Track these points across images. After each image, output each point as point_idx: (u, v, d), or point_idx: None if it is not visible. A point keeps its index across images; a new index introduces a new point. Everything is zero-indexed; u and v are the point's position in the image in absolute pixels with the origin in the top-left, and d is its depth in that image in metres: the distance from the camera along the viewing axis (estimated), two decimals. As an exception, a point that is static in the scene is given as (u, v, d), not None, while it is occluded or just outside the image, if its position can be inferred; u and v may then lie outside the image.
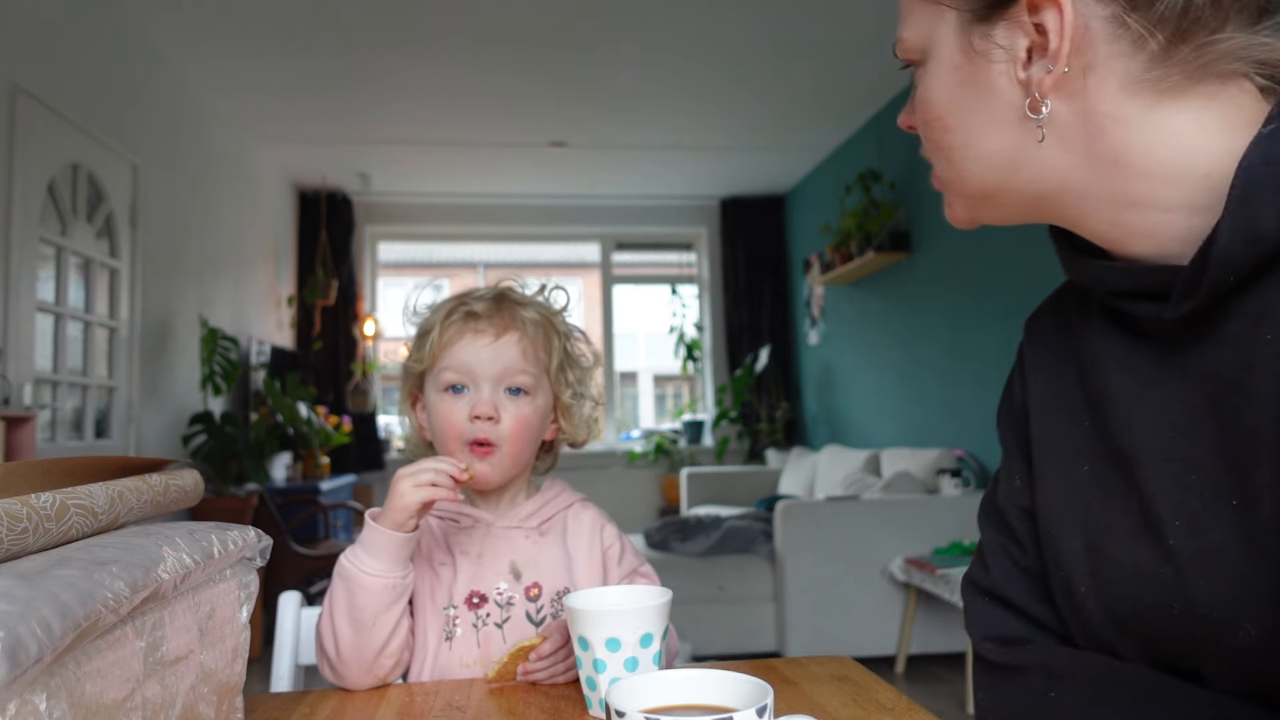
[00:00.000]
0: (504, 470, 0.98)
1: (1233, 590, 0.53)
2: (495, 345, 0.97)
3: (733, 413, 6.00)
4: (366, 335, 5.95)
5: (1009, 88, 0.57)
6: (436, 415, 0.98)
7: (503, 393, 0.97)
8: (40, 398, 2.96)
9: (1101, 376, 0.63)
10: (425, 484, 0.86)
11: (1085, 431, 0.64)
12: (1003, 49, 0.56)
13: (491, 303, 1.00)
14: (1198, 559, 0.55)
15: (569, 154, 5.23)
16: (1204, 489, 0.55)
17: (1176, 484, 0.56)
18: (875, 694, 0.81)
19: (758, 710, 0.50)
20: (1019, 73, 0.56)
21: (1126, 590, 0.60)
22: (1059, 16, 0.53)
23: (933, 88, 0.61)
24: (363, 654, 0.88)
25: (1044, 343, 0.71)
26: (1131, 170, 0.55)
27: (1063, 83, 0.55)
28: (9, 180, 2.72)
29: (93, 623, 0.45)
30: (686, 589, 3.49)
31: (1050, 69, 0.54)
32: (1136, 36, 0.53)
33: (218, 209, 4.49)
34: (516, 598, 0.96)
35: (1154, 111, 0.54)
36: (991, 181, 0.61)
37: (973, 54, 0.58)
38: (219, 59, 3.92)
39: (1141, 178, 0.55)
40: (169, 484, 0.68)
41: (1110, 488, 0.62)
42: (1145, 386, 0.59)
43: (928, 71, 0.61)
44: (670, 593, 0.82)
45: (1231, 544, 0.53)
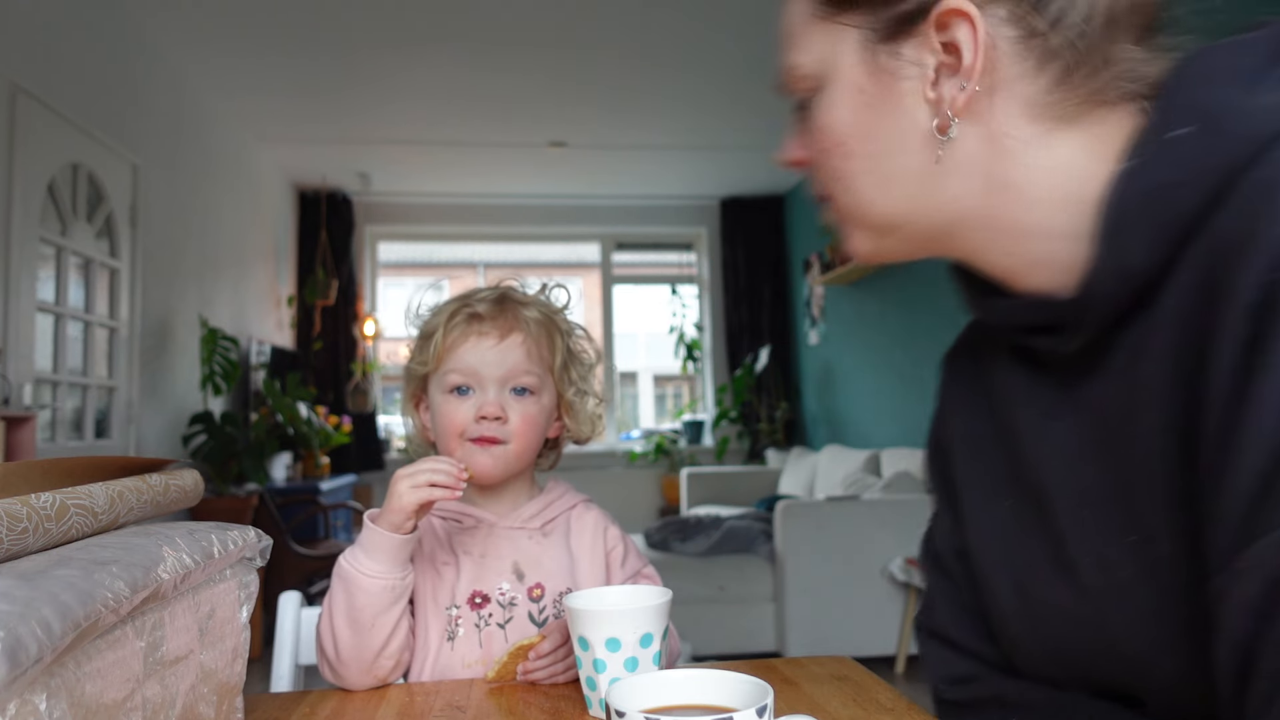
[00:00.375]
0: (507, 465, 0.98)
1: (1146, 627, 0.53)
2: (500, 347, 0.97)
3: (733, 413, 6.00)
4: (366, 335, 5.95)
5: (917, 107, 0.55)
6: (441, 416, 0.98)
7: (508, 393, 0.97)
8: (40, 398, 2.96)
9: (1010, 411, 0.63)
10: (423, 485, 0.85)
11: (1002, 468, 0.64)
12: (913, 66, 0.55)
13: (494, 304, 1.00)
14: (1111, 597, 0.55)
15: (569, 154, 5.23)
16: (1106, 525, 0.55)
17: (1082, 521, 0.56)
18: (875, 694, 0.81)
19: (758, 710, 0.50)
20: (929, 91, 0.55)
21: (1053, 630, 0.60)
22: (972, 31, 0.52)
23: (834, 112, 0.58)
24: (362, 655, 0.88)
25: (960, 380, 0.71)
26: (1027, 196, 0.54)
27: (971, 102, 0.54)
28: (9, 180, 2.72)
29: (93, 623, 0.45)
30: (686, 589, 3.49)
31: (964, 86, 0.53)
32: (1040, 59, 0.53)
33: (218, 209, 4.49)
34: (519, 598, 0.96)
35: (1050, 136, 0.54)
36: (897, 210, 0.59)
37: (879, 74, 0.56)
38: (219, 59, 3.91)
39: (1036, 205, 0.54)
40: (169, 484, 0.68)
41: (1029, 525, 0.61)
42: (1048, 421, 0.59)
43: (827, 96, 0.59)
44: (670, 593, 0.82)
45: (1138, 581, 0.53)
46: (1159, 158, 0.49)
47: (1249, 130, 0.46)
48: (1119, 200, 0.50)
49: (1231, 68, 0.49)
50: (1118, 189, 0.50)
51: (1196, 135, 0.48)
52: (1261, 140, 0.46)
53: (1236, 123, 0.47)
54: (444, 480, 0.86)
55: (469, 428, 0.96)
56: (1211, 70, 0.50)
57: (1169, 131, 0.49)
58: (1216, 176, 0.47)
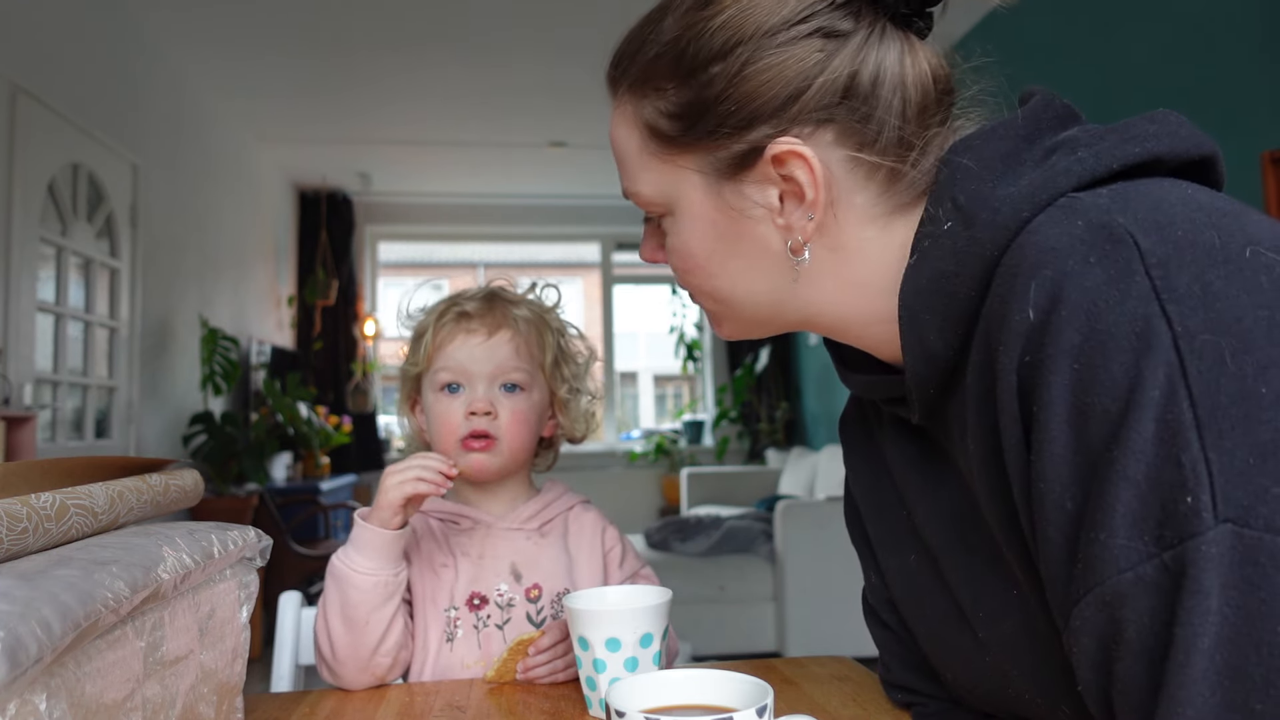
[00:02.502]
0: (502, 462, 0.98)
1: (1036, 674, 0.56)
2: (488, 344, 0.98)
3: (733, 413, 6.00)
4: (366, 335, 5.95)
5: (769, 234, 0.59)
6: (433, 415, 0.99)
7: (498, 390, 0.98)
8: (40, 398, 2.96)
9: (898, 474, 0.66)
10: (410, 480, 0.86)
11: (905, 523, 0.67)
12: (757, 204, 0.58)
13: (483, 302, 1.01)
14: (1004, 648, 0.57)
15: (569, 154, 5.22)
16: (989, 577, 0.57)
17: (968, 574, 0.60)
18: (875, 694, 0.81)
19: (758, 710, 0.50)
20: (777, 220, 0.58)
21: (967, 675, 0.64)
22: (808, 168, 0.55)
23: (688, 241, 0.61)
24: (358, 653, 0.88)
25: (854, 444, 0.75)
26: (874, 289, 0.58)
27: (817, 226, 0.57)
28: (9, 180, 2.72)
29: (93, 623, 0.45)
30: (686, 589, 3.49)
31: (811, 216, 0.56)
32: (868, 170, 0.57)
33: (218, 209, 4.49)
34: (517, 599, 0.96)
35: (887, 231, 0.58)
36: (759, 315, 0.63)
37: (726, 209, 0.59)
38: (219, 59, 3.92)
39: (882, 295, 0.58)
40: (169, 484, 0.69)
41: (930, 579, 0.65)
42: (928, 481, 0.63)
43: (679, 224, 0.61)
44: (670, 593, 0.82)
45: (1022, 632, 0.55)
46: (933, 251, 0.53)
47: (996, 223, 0.50)
48: (908, 293, 0.55)
49: (984, 159, 0.53)
50: (906, 283, 0.55)
51: (956, 230, 0.52)
52: (1008, 229, 0.49)
53: (986, 216, 0.50)
54: (430, 476, 0.86)
55: (460, 426, 0.96)
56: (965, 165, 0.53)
57: (939, 226, 0.53)
58: (981, 265, 0.50)
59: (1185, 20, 2.56)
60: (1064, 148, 0.52)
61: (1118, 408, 0.42)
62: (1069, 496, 0.44)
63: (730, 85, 0.55)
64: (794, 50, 0.55)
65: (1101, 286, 0.44)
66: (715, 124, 0.57)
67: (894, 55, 0.56)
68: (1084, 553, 0.43)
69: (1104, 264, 0.44)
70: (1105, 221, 0.46)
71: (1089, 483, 0.43)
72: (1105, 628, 0.43)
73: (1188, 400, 0.40)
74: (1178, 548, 0.40)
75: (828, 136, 0.56)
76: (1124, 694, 0.42)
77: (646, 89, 0.60)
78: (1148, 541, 0.41)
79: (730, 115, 0.56)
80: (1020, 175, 0.51)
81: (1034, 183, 0.50)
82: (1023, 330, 0.46)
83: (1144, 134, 0.51)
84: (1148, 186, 0.48)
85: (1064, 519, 0.44)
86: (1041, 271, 0.46)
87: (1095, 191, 0.49)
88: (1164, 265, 0.43)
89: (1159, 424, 0.41)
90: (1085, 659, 0.44)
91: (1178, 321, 0.41)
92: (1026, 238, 0.48)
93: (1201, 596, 0.39)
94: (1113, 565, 0.41)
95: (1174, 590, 0.40)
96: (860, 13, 0.56)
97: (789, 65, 0.55)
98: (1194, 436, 0.40)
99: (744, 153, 0.57)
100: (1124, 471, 0.41)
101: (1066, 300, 0.44)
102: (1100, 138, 0.51)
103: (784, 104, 0.55)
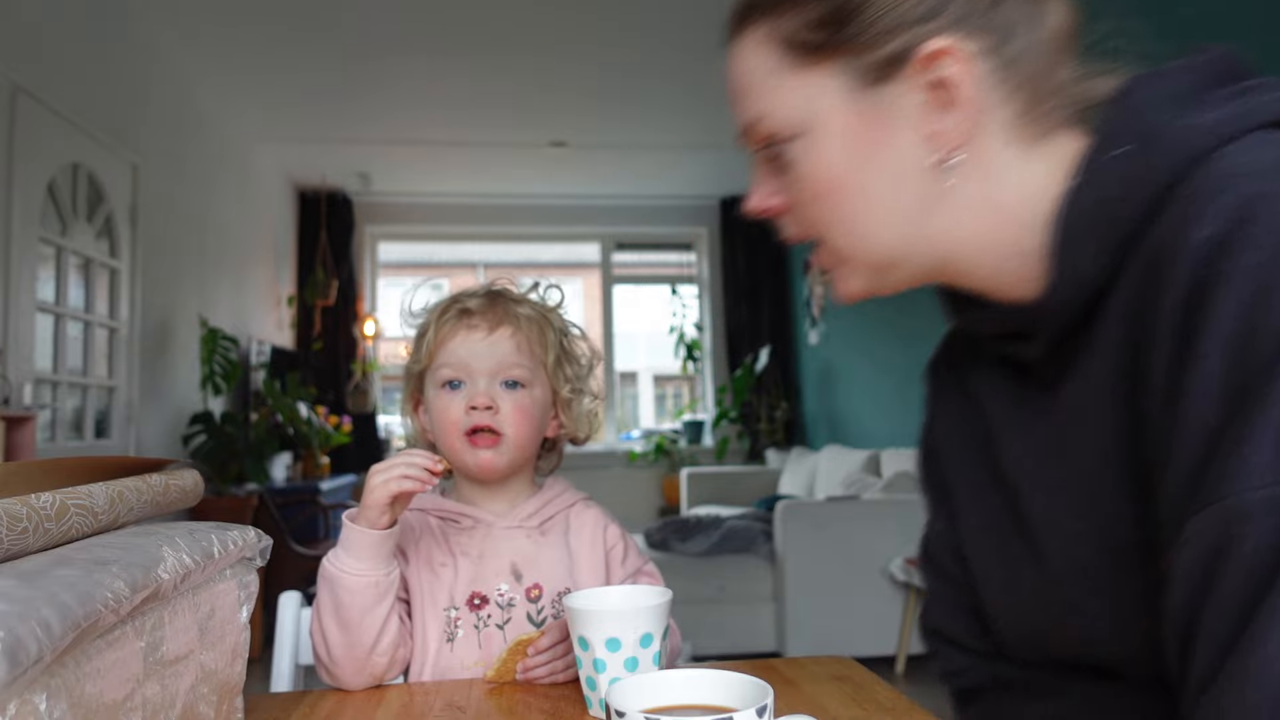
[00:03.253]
0: (510, 457, 0.98)
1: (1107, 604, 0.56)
2: (489, 340, 0.98)
3: (733, 413, 5.99)
4: (366, 335, 5.95)
5: (912, 145, 0.58)
6: (435, 412, 0.99)
7: (499, 386, 0.98)
8: (40, 398, 2.96)
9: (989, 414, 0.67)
10: (395, 477, 0.85)
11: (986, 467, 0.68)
12: (905, 107, 0.57)
13: (485, 299, 1.01)
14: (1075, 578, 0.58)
15: (569, 154, 5.22)
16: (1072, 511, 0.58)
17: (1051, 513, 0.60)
18: (875, 694, 0.81)
19: (758, 710, 0.50)
20: (923, 128, 0.57)
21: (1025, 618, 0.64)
22: (964, 67, 0.55)
23: (823, 158, 0.59)
24: (354, 654, 0.88)
25: (943, 387, 0.75)
26: (1012, 217, 0.58)
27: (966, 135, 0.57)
28: (9, 180, 2.72)
29: (93, 623, 0.45)
30: (686, 589, 3.49)
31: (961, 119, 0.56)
32: (1009, 89, 0.57)
33: (218, 209, 4.49)
34: (517, 598, 0.96)
35: (1024, 161, 0.57)
36: (897, 245, 0.60)
37: (868, 117, 0.58)
38: (219, 59, 3.91)
39: (1019, 225, 0.58)
40: (169, 484, 0.68)
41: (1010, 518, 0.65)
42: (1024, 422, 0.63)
43: (812, 144, 0.59)
44: (670, 593, 0.82)
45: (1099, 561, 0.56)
46: (1101, 175, 0.53)
47: (1180, 148, 0.50)
48: (1066, 217, 0.54)
49: (1166, 92, 0.53)
50: (1065, 206, 0.54)
51: (1134, 154, 0.52)
52: (1192, 155, 0.49)
53: (1169, 142, 0.50)
54: (415, 473, 0.85)
55: (461, 421, 0.96)
56: (1148, 95, 0.54)
57: (1110, 151, 0.53)
58: (1153, 190, 0.50)
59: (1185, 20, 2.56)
60: (1259, 89, 0.52)
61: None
62: (1213, 412, 0.44)
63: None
64: None
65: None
66: (864, 26, 0.56)
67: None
68: (1219, 466, 0.43)
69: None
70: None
71: (1238, 400, 0.43)
72: (1218, 541, 0.43)
73: None
74: None
75: (974, 46, 0.55)
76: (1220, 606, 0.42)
77: (784, 6, 0.59)
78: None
79: (880, 16, 0.55)
80: (1211, 107, 0.51)
81: (1222, 117, 0.50)
82: (1202, 245, 0.46)
83: None
84: None
85: (1203, 431, 0.44)
86: (1233, 189, 0.46)
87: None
88: None
89: None
90: (1182, 576, 0.44)
91: None
92: (1215, 163, 0.48)
93: None
94: (1247, 480, 0.42)
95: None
96: None
97: None
98: None
99: (892, 55, 0.56)
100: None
101: (1260, 218, 0.44)
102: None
103: (936, 6, 0.55)
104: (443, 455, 1.00)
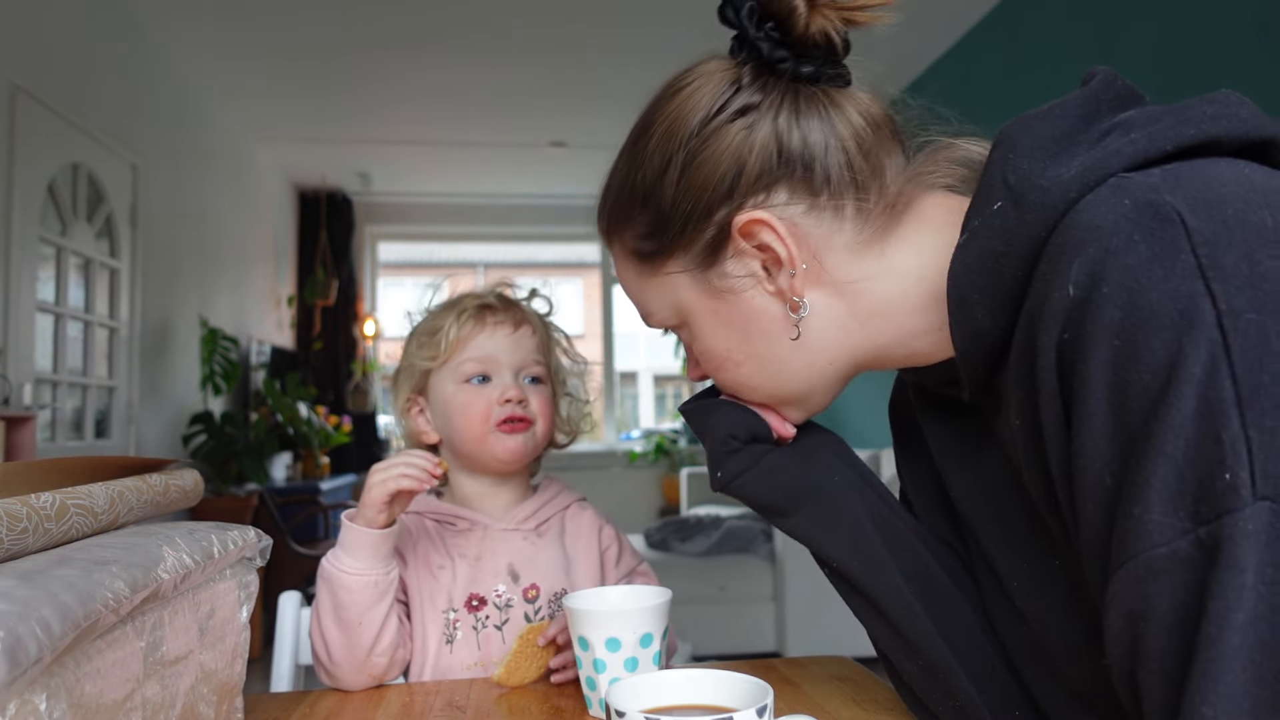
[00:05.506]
0: (535, 447, 1.00)
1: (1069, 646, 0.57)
2: (514, 335, 1.00)
3: (733, 413, 5.98)
4: (366, 335, 5.95)
5: (768, 304, 0.62)
6: (456, 407, 0.98)
7: (525, 381, 1.00)
8: (40, 398, 2.96)
9: (939, 451, 0.69)
10: (394, 476, 0.85)
11: (945, 502, 0.70)
12: (743, 278, 0.61)
13: (498, 299, 1.03)
14: (1039, 618, 0.59)
15: (569, 154, 5.22)
16: (1028, 550, 0.59)
17: (1008, 546, 0.61)
18: (875, 694, 0.81)
19: (758, 710, 0.50)
20: (768, 288, 0.61)
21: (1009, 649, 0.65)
22: (772, 230, 0.59)
23: (706, 339, 0.65)
24: (354, 654, 0.88)
25: (900, 428, 0.77)
26: (897, 314, 0.60)
27: (807, 277, 0.60)
28: (9, 180, 2.72)
29: (93, 623, 0.45)
30: (686, 589, 3.49)
31: (793, 273, 0.60)
32: (834, 211, 0.60)
33: (218, 209, 4.49)
34: (515, 599, 0.96)
35: (884, 259, 0.60)
36: (800, 384, 0.65)
37: (720, 294, 0.63)
38: (219, 59, 3.91)
39: (907, 316, 0.60)
40: (169, 484, 0.68)
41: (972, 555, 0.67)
42: (968, 457, 0.65)
43: (693, 329, 0.65)
44: (670, 592, 0.82)
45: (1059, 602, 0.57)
46: (983, 230, 0.54)
47: (1045, 202, 0.50)
48: (957, 271, 0.56)
49: (1038, 138, 0.53)
50: (955, 262, 0.56)
51: (1006, 210, 0.52)
52: (1056, 211, 0.50)
53: (1036, 196, 0.51)
54: (414, 472, 0.86)
55: (494, 413, 0.97)
56: (1019, 143, 0.54)
57: (987, 209, 0.54)
58: (1028, 245, 0.51)
59: (1185, 20, 2.56)
60: (1119, 129, 0.52)
61: (1158, 384, 0.42)
62: (1108, 473, 0.44)
63: (679, 189, 0.61)
64: (720, 138, 0.60)
65: (1145, 264, 0.44)
66: (680, 225, 0.61)
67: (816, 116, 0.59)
68: (1119, 528, 0.43)
69: (1149, 241, 0.44)
70: (1152, 200, 0.46)
71: (1127, 459, 0.43)
72: (1137, 603, 0.43)
73: (1229, 378, 0.40)
74: (1214, 523, 0.40)
75: (781, 197, 0.59)
76: (1151, 670, 0.42)
77: (622, 225, 0.66)
78: (1183, 517, 0.41)
79: (690, 212, 0.61)
80: (1074, 156, 0.52)
81: (1085, 163, 0.50)
82: (1063, 307, 0.46)
83: (1201, 115, 0.51)
84: (1202, 166, 0.48)
85: (1102, 495, 0.45)
86: (1085, 249, 0.46)
87: (1147, 171, 0.49)
88: (1211, 244, 0.43)
89: (1200, 400, 0.41)
90: (1115, 633, 0.45)
91: (1223, 299, 0.41)
92: (1073, 217, 0.48)
93: (1236, 572, 0.39)
94: (1147, 540, 0.42)
95: (1208, 566, 0.40)
96: (766, 85, 0.60)
97: (722, 151, 0.59)
98: (1235, 414, 0.40)
99: (713, 238, 0.61)
100: (1162, 447, 0.41)
101: (1108, 277, 0.45)
102: (1156, 119, 0.51)
103: (731, 184, 0.59)
104: (444, 457, 1.00)
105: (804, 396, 0.66)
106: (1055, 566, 0.57)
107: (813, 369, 0.63)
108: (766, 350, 0.63)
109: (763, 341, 0.63)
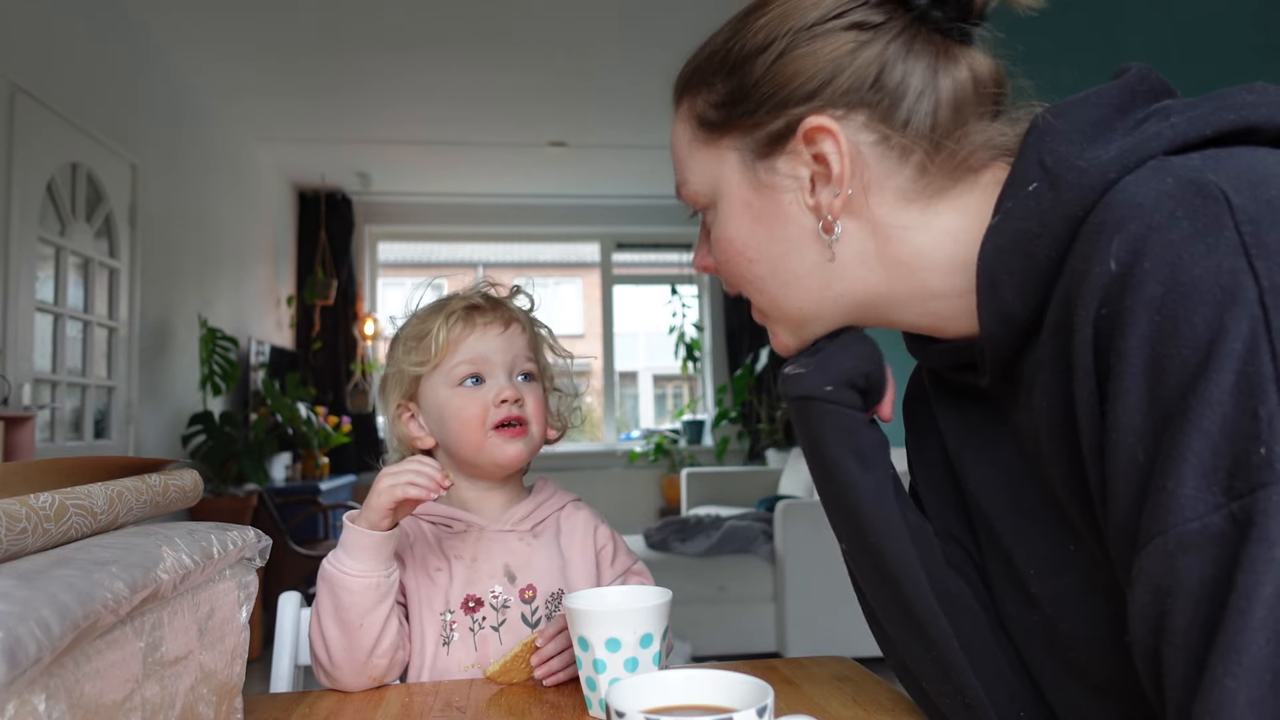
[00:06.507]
0: (532, 449, 1.00)
1: (1086, 629, 0.57)
2: (505, 335, 1.00)
3: (733, 413, 5.99)
4: (366, 335, 5.95)
5: (801, 214, 0.62)
6: (451, 410, 0.98)
7: (519, 380, 1.00)
8: (40, 398, 2.96)
9: (953, 442, 0.69)
10: (402, 483, 0.85)
11: (957, 494, 0.70)
12: (789, 179, 0.61)
13: (484, 299, 1.03)
14: (1054, 603, 0.59)
15: (569, 154, 5.23)
16: (1045, 535, 0.59)
17: (1024, 532, 0.62)
18: (875, 694, 0.81)
19: (758, 710, 0.50)
20: (808, 199, 0.61)
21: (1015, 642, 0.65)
22: (836, 145, 0.59)
23: (729, 226, 0.65)
24: (354, 656, 0.87)
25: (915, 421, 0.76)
26: (922, 268, 0.60)
27: (848, 203, 0.60)
28: (8, 180, 2.72)
29: (92, 623, 0.45)
30: (686, 589, 3.49)
31: (837, 193, 0.60)
32: (901, 153, 0.60)
33: (218, 209, 4.49)
34: (512, 600, 0.96)
35: (929, 214, 0.60)
36: (807, 303, 0.65)
37: (761, 188, 0.63)
38: (219, 59, 3.91)
39: (932, 273, 0.60)
40: (168, 484, 0.68)
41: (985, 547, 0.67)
42: (986, 444, 0.65)
43: (720, 212, 0.65)
44: (670, 593, 0.81)
45: (1077, 586, 0.57)
46: (1017, 212, 0.54)
47: (1083, 183, 0.51)
48: (988, 253, 0.56)
49: (1074, 123, 0.54)
50: (986, 243, 0.56)
51: (1042, 191, 0.53)
52: (1095, 189, 0.50)
53: (1074, 177, 0.51)
54: (423, 481, 0.85)
55: (490, 414, 0.97)
56: (1055, 128, 0.55)
57: (1022, 190, 0.54)
58: (1064, 225, 0.51)
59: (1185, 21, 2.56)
60: (1157, 115, 0.53)
61: (1197, 359, 0.42)
62: (1141, 448, 0.44)
63: (769, 71, 0.60)
64: (829, 40, 0.59)
65: (1188, 240, 0.44)
66: (754, 105, 0.61)
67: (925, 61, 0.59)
68: (1150, 503, 0.43)
69: (1192, 218, 0.44)
70: (1196, 179, 0.46)
71: (1161, 434, 0.43)
72: (1165, 578, 0.43)
73: (1270, 354, 0.40)
74: (1247, 498, 0.40)
75: (858, 119, 0.59)
76: (1176, 645, 0.42)
77: (699, 86, 0.65)
78: (1216, 492, 0.41)
79: (768, 97, 0.60)
80: (1111, 140, 0.52)
81: (1124, 147, 0.51)
82: (1103, 283, 0.46)
83: (1241, 103, 0.51)
84: (1242, 152, 0.49)
85: (1135, 469, 0.45)
86: (1126, 226, 0.46)
87: (1187, 155, 0.49)
88: (1255, 222, 0.43)
89: (1239, 376, 0.41)
90: (1140, 609, 0.45)
91: (1265, 276, 0.42)
92: (1113, 195, 0.49)
93: (1267, 545, 0.39)
94: (1179, 514, 0.42)
95: (1240, 540, 0.40)
96: (893, 11, 0.59)
97: (823, 53, 0.59)
98: (1273, 390, 0.40)
99: (778, 130, 0.61)
100: (1199, 423, 0.41)
101: (1150, 253, 0.45)
102: (1195, 105, 0.52)
103: (818, 87, 0.59)
104: (440, 460, 1.00)
105: (805, 319, 0.66)
106: (1071, 551, 0.57)
107: (825, 293, 0.63)
108: (782, 258, 0.63)
109: (783, 247, 0.63)
